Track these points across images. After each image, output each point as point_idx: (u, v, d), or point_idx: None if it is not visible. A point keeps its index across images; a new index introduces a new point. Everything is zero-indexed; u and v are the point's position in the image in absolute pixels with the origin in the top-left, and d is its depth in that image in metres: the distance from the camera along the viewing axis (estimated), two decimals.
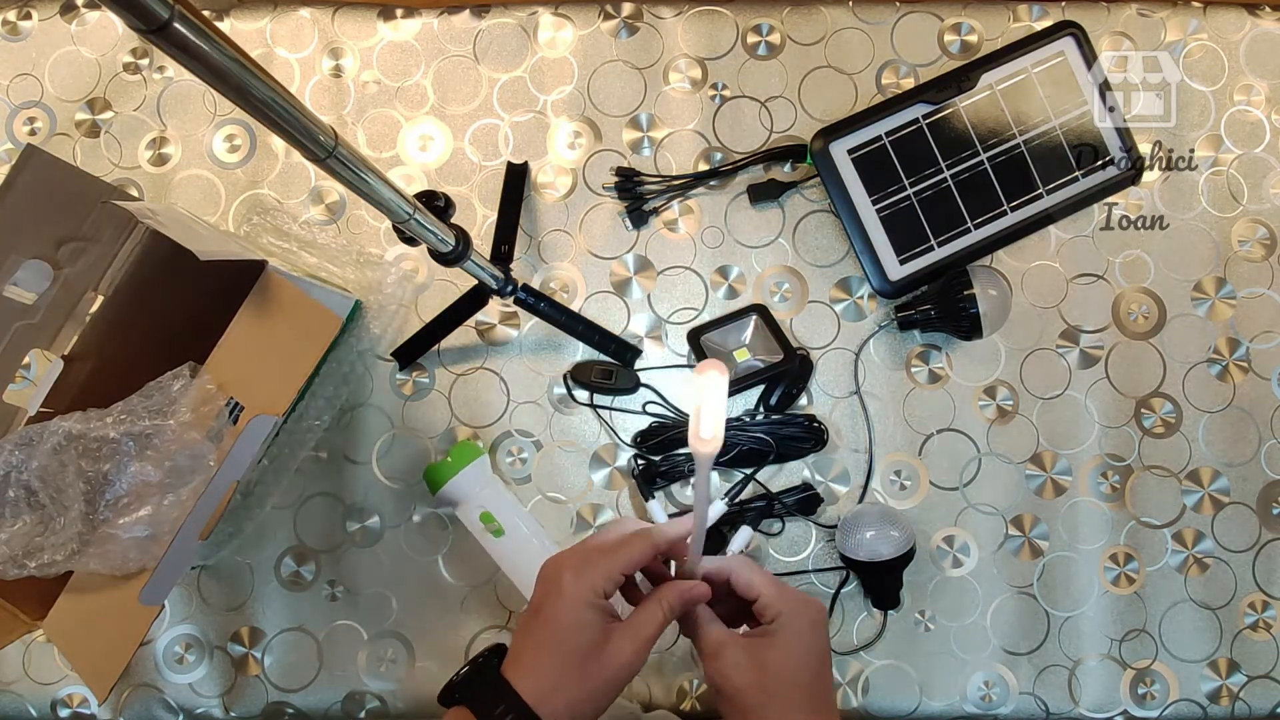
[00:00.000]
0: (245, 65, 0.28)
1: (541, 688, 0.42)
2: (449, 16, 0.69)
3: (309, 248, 0.66)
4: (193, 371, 0.52)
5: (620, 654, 0.43)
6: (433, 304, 0.66)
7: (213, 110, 0.69)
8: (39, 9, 0.70)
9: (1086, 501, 0.66)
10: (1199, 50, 0.68)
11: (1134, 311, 0.67)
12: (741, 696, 0.44)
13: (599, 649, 0.43)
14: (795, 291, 0.67)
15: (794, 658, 0.44)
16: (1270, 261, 0.67)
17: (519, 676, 0.43)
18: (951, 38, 0.68)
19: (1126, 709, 0.65)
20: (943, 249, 0.65)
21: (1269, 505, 0.66)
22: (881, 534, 0.61)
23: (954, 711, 0.65)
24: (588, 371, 0.66)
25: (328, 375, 0.66)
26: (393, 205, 0.40)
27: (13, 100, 0.69)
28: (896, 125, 0.65)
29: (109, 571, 0.50)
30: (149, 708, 0.66)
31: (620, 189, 0.67)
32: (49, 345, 0.55)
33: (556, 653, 0.43)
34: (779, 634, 0.45)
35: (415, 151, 0.69)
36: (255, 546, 0.66)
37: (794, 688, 0.44)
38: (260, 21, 0.69)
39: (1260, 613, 0.65)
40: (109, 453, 0.50)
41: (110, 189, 0.54)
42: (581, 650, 0.43)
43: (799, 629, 0.45)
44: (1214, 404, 0.66)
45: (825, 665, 0.45)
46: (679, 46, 0.69)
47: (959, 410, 0.66)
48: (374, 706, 0.65)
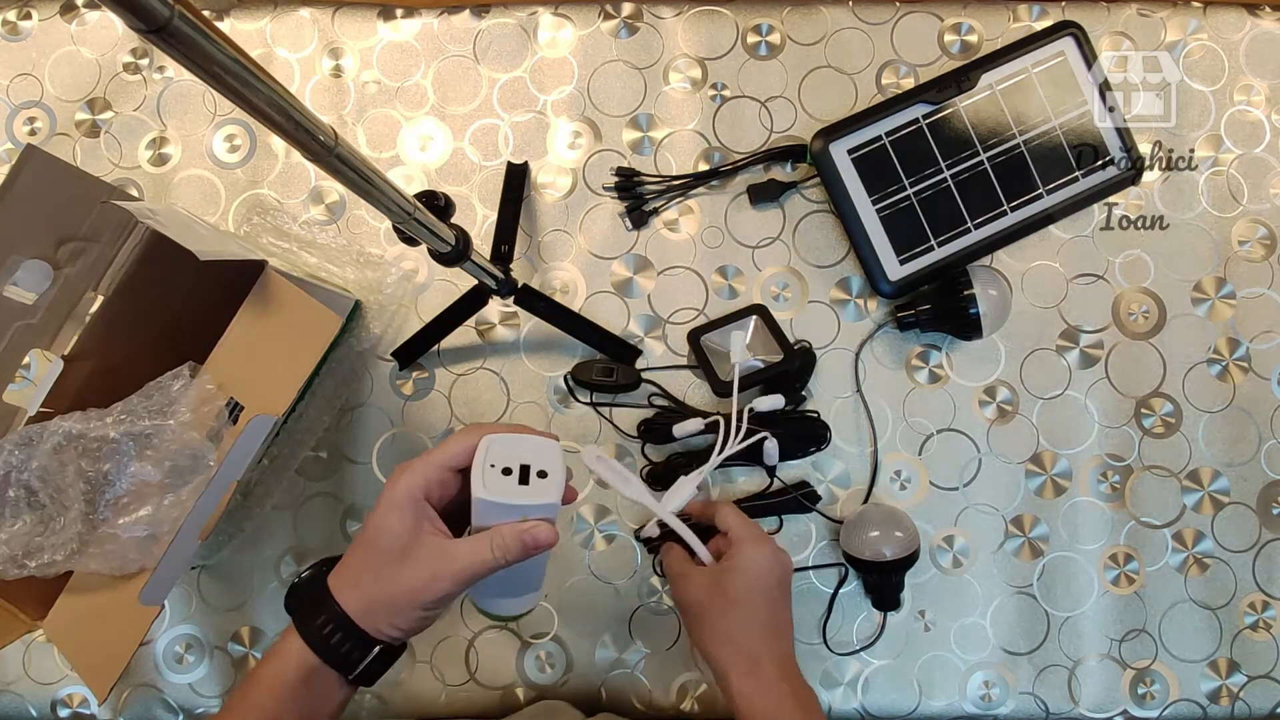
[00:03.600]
0: (245, 65, 0.28)
1: (345, 585, 0.42)
2: (449, 16, 0.69)
3: (309, 248, 0.66)
4: (193, 371, 0.52)
5: (418, 575, 0.41)
6: (433, 304, 0.66)
7: (213, 110, 0.69)
8: (39, 9, 0.70)
9: (1086, 501, 0.66)
10: (1199, 50, 0.68)
11: (1134, 311, 0.67)
12: (699, 606, 0.52)
13: (400, 554, 0.42)
14: (795, 291, 0.67)
15: (750, 581, 0.51)
16: (1270, 261, 0.67)
17: (339, 585, 0.43)
18: (951, 38, 0.68)
19: (1126, 709, 0.65)
20: (943, 249, 0.65)
21: (1269, 505, 0.66)
22: (886, 535, 0.61)
23: (954, 711, 0.65)
24: (588, 371, 0.66)
25: (328, 375, 0.66)
26: (393, 205, 0.40)
27: (13, 100, 0.69)
28: (896, 125, 0.65)
29: (109, 571, 0.50)
30: (149, 708, 0.66)
31: (620, 189, 0.67)
32: (49, 345, 0.55)
33: (365, 556, 0.42)
34: (738, 560, 0.52)
35: (415, 151, 0.69)
36: (255, 546, 0.66)
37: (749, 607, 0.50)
38: (260, 21, 0.69)
39: (1260, 613, 0.65)
40: (109, 453, 0.50)
41: (110, 189, 0.54)
42: (385, 556, 0.42)
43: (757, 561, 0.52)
44: (1214, 404, 0.66)
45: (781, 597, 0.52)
46: (679, 46, 0.69)
47: (959, 410, 0.66)
48: (374, 706, 0.65)
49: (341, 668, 0.42)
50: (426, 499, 0.43)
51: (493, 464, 0.43)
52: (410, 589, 0.41)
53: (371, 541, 0.42)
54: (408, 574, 0.42)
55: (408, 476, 0.42)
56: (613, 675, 0.65)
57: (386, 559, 0.42)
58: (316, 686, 0.42)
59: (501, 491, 0.42)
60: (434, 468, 0.43)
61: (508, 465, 0.43)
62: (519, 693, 0.65)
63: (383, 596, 0.42)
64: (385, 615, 0.42)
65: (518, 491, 0.42)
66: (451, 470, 0.44)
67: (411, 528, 0.42)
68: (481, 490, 0.42)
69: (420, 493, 0.42)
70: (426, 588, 0.41)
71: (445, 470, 0.43)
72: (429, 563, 0.42)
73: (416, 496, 0.42)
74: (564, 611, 0.66)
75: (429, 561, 0.42)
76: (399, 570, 0.42)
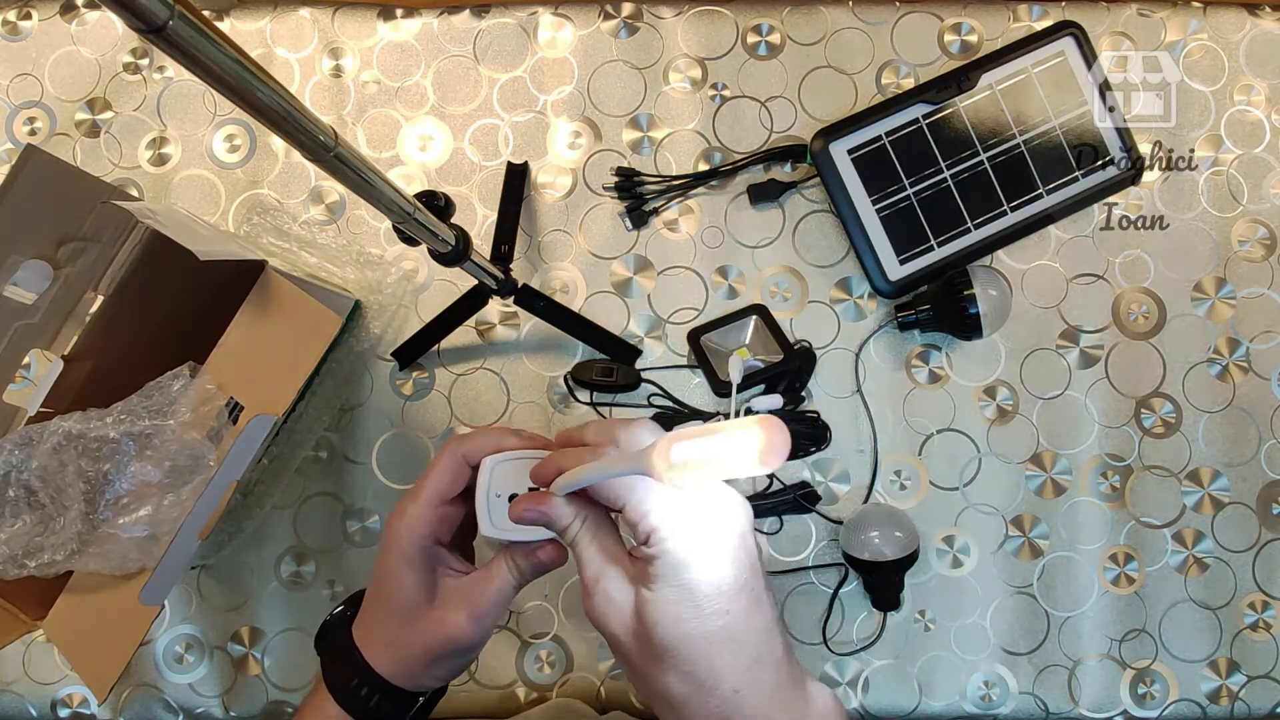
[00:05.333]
0: (245, 65, 0.28)
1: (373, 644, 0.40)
2: (449, 16, 0.69)
3: (309, 248, 0.66)
4: (193, 371, 0.52)
5: (450, 619, 0.39)
6: (433, 304, 0.66)
7: (213, 110, 0.69)
8: (39, 9, 0.70)
9: (1086, 501, 0.66)
10: (1199, 50, 0.68)
11: (1134, 311, 0.67)
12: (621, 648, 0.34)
13: (426, 607, 0.39)
14: (795, 291, 0.67)
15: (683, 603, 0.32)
16: (1270, 261, 0.67)
17: (367, 642, 0.41)
18: (951, 38, 0.68)
19: (1126, 709, 0.65)
20: (943, 249, 0.65)
21: (1269, 505, 0.66)
22: (886, 535, 0.61)
23: (954, 711, 0.65)
24: (588, 371, 0.66)
25: (328, 375, 0.66)
26: (393, 205, 0.40)
27: (13, 100, 0.69)
28: (896, 125, 0.65)
29: (109, 571, 0.50)
30: (149, 708, 0.66)
31: (620, 189, 0.67)
32: (49, 345, 0.55)
33: (387, 611, 0.40)
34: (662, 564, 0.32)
35: (415, 151, 0.69)
36: (255, 546, 0.66)
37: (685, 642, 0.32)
38: (260, 21, 0.69)
39: (1260, 613, 0.65)
40: (109, 453, 0.50)
41: (110, 189, 0.54)
42: (408, 610, 0.39)
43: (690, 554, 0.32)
44: (1214, 404, 0.66)
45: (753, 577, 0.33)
46: (679, 46, 0.69)
47: (959, 410, 0.66)
48: None
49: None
50: (437, 541, 0.40)
51: (498, 494, 0.40)
52: (444, 639, 0.40)
53: (390, 598, 0.40)
54: (436, 624, 0.40)
55: (411, 524, 0.39)
56: (613, 675, 0.65)
57: (411, 615, 0.40)
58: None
59: (508, 528, 0.39)
60: (431, 507, 0.40)
61: (514, 492, 0.40)
62: (519, 693, 0.66)
63: (416, 654, 0.40)
64: (423, 669, 0.40)
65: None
66: (449, 502, 0.41)
67: (428, 579, 0.40)
68: (490, 529, 0.40)
69: (429, 540, 0.40)
70: (461, 635, 0.39)
71: (443, 505, 0.40)
72: (457, 609, 0.40)
73: (426, 545, 0.40)
74: (564, 611, 0.66)
75: (457, 608, 0.40)
76: (427, 624, 0.40)
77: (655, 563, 0.33)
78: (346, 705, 0.40)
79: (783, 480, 0.65)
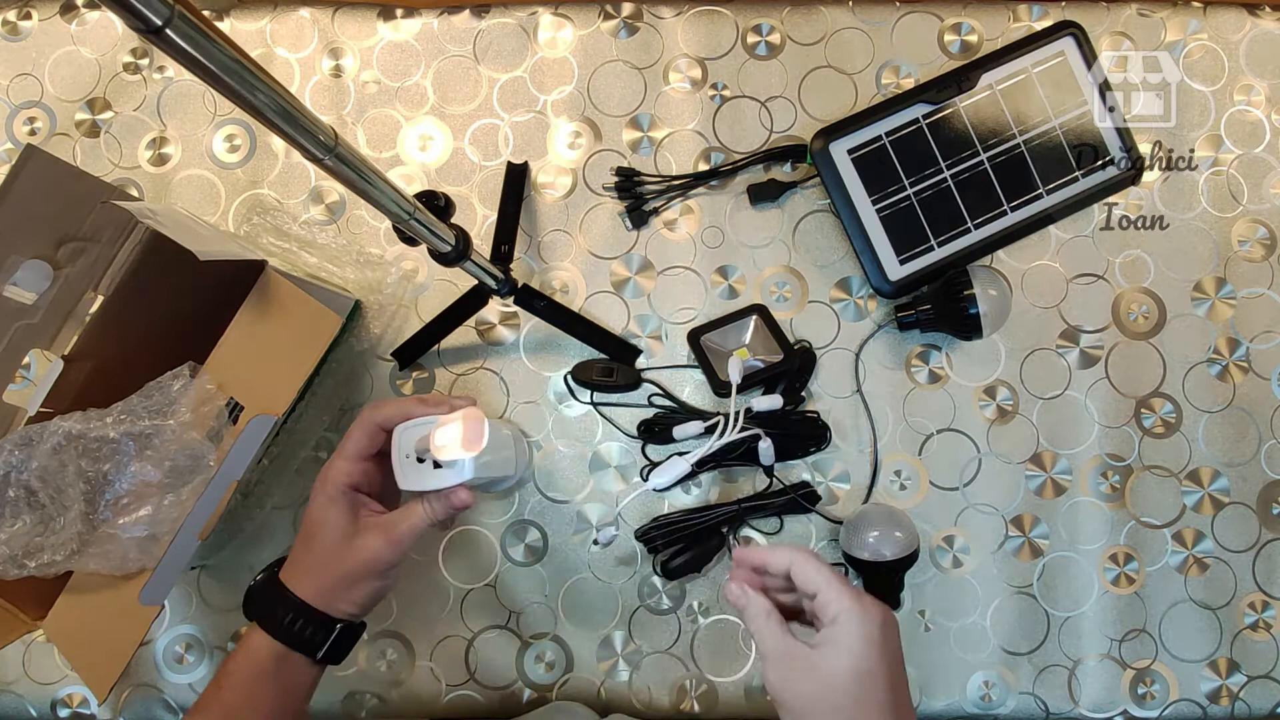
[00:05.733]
0: (245, 65, 0.28)
1: (298, 576, 0.48)
2: (449, 16, 0.69)
3: (309, 248, 0.66)
4: (193, 371, 0.52)
5: (369, 545, 0.47)
6: (433, 304, 0.66)
7: (213, 110, 0.69)
8: (39, 9, 0.70)
9: (1086, 501, 0.66)
10: (1199, 50, 0.68)
11: (1134, 311, 0.67)
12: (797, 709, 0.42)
13: (349, 540, 0.47)
14: (795, 291, 0.67)
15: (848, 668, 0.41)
16: (1270, 261, 0.67)
17: (292, 578, 0.48)
18: (951, 38, 0.68)
19: (1126, 709, 0.65)
20: (943, 249, 0.65)
21: (1269, 505, 0.66)
22: (885, 535, 0.61)
23: (954, 711, 0.65)
24: (588, 371, 0.66)
25: (328, 375, 0.66)
26: (392, 205, 0.40)
27: (13, 100, 0.69)
28: (896, 125, 0.65)
29: (109, 571, 0.50)
30: (149, 708, 0.66)
31: (620, 189, 0.67)
32: (49, 345, 0.55)
33: (312, 547, 0.48)
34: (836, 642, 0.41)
35: (415, 151, 0.69)
36: (255, 546, 0.66)
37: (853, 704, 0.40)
38: (260, 21, 0.69)
39: (1260, 613, 0.65)
40: (109, 453, 0.50)
41: (110, 189, 0.54)
42: (332, 543, 0.47)
43: (857, 638, 0.41)
44: (1214, 404, 0.66)
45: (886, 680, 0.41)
46: (679, 46, 0.69)
47: (959, 410, 0.66)
48: (374, 706, 0.65)
49: (307, 650, 0.47)
50: (357, 489, 0.49)
51: (407, 455, 0.49)
52: (362, 561, 0.47)
53: (314, 534, 0.48)
54: (358, 549, 0.47)
55: (334, 474, 0.48)
56: (613, 675, 0.65)
57: (334, 545, 0.47)
58: (287, 670, 0.47)
59: (419, 480, 0.49)
60: (352, 461, 0.49)
61: (420, 452, 0.49)
62: (519, 693, 0.66)
63: (336, 578, 0.47)
64: (341, 594, 0.47)
65: (435, 476, 0.49)
66: (367, 459, 0.50)
67: (350, 518, 0.48)
68: (405, 483, 0.49)
69: (349, 487, 0.48)
70: (377, 556, 0.47)
71: (362, 461, 0.49)
72: (375, 535, 0.48)
73: (348, 491, 0.48)
74: (564, 611, 0.66)
75: (374, 534, 0.48)
76: (348, 550, 0.47)
77: (835, 642, 0.42)
78: (271, 630, 0.47)
79: (783, 480, 0.65)
